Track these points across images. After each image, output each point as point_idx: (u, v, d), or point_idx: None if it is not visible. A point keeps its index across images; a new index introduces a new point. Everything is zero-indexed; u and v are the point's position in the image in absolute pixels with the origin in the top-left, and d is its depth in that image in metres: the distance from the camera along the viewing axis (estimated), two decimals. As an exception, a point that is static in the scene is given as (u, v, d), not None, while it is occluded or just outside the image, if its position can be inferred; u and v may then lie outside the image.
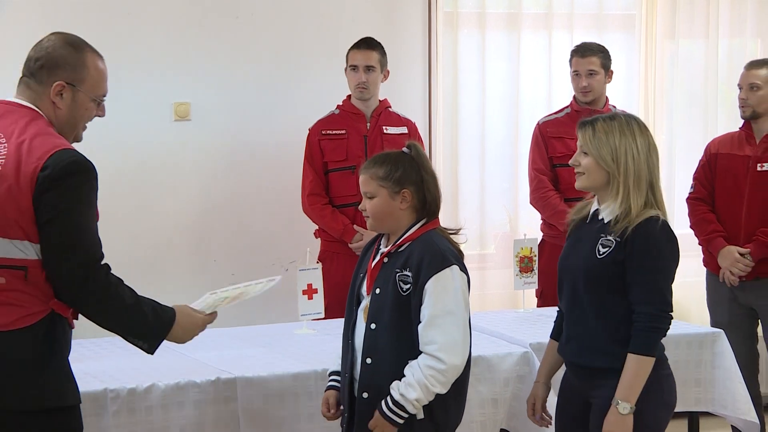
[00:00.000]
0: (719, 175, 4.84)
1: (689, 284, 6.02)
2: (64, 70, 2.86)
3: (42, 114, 2.86)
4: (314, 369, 3.54)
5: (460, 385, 3.18)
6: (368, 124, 5.03)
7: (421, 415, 3.10)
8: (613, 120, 3.15)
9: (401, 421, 3.05)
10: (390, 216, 3.17)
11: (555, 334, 3.39)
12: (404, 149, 3.22)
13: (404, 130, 5.06)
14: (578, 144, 3.20)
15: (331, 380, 3.28)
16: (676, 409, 4.13)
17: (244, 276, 5.54)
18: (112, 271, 2.82)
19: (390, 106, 5.12)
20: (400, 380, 3.06)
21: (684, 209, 6.15)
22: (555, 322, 3.41)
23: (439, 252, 3.12)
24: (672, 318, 3.12)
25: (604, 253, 3.11)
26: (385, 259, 3.18)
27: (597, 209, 3.21)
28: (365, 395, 3.12)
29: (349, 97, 5.09)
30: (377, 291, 3.15)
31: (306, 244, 4.54)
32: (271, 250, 5.39)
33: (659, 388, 3.12)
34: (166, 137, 5.28)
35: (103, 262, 2.80)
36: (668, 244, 3.12)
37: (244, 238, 5.40)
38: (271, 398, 3.47)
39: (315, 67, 5.45)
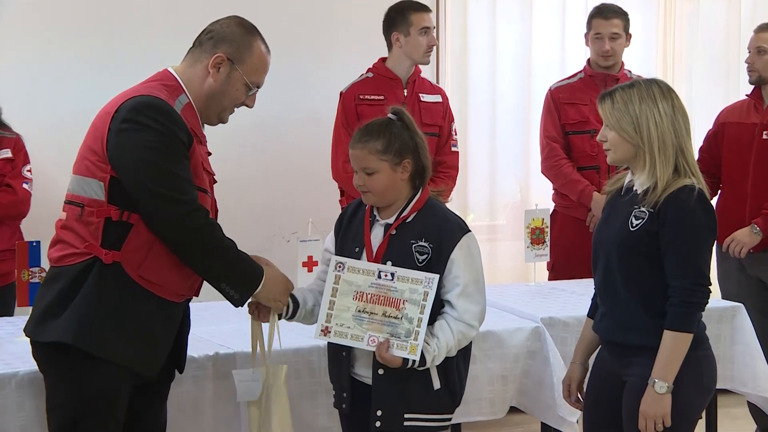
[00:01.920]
0: (726, 144, 4.83)
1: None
2: (230, 45, 3.04)
3: (177, 78, 3.01)
4: (317, 344, 3.54)
5: (469, 355, 3.27)
6: (405, 91, 5.01)
7: (437, 385, 3.16)
8: (632, 88, 3.12)
9: (407, 366, 3.10)
10: (393, 189, 3.19)
11: (592, 312, 3.37)
12: (390, 116, 3.22)
13: (438, 98, 5.05)
14: (603, 119, 3.18)
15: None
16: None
17: (244, 248, 5.59)
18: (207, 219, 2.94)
19: (421, 72, 5.09)
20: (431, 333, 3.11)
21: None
22: (592, 299, 3.39)
23: (453, 220, 3.21)
24: (710, 292, 3.06)
25: (637, 225, 3.08)
26: (393, 232, 3.19)
27: (631, 180, 3.19)
28: (381, 371, 3.15)
29: (382, 60, 5.04)
30: (389, 265, 3.17)
31: (308, 214, 4.54)
32: (273, 221, 5.40)
33: (697, 369, 3.09)
34: (162, 104, 5.27)
35: (195, 208, 2.90)
36: (704, 214, 3.06)
37: (245, 209, 5.41)
38: (271, 374, 3.48)
39: (322, 35, 5.41)
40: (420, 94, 5.00)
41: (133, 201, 2.89)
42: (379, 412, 3.14)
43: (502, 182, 5.83)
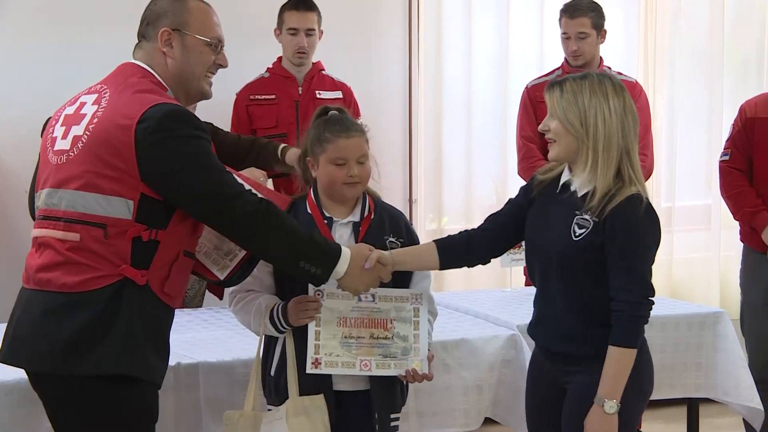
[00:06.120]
0: (758, 142, 4.70)
1: (694, 261, 6.08)
2: (167, 17, 2.99)
3: (153, 72, 2.97)
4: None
5: None
6: (300, 89, 5.05)
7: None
8: (584, 79, 3.11)
9: None
10: None
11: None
12: (334, 112, 3.32)
13: (339, 94, 5.09)
14: (548, 107, 3.18)
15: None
16: (675, 396, 4.22)
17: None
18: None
19: (323, 69, 5.15)
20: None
21: (687, 179, 6.21)
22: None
23: (403, 214, 3.46)
24: (653, 303, 3.08)
25: (580, 234, 3.07)
26: (366, 230, 3.29)
27: (569, 179, 3.18)
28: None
29: (279, 59, 5.11)
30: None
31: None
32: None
33: (637, 377, 3.09)
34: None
35: (242, 191, 2.90)
36: (651, 226, 3.08)
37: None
38: (236, 386, 3.49)
39: (264, 27, 5.38)
40: (317, 92, 5.05)
41: (161, 217, 2.85)
42: (376, 415, 3.25)
43: (477, 184, 5.85)
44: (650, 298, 3.07)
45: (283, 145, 4.57)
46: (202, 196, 2.86)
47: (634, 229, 3.04)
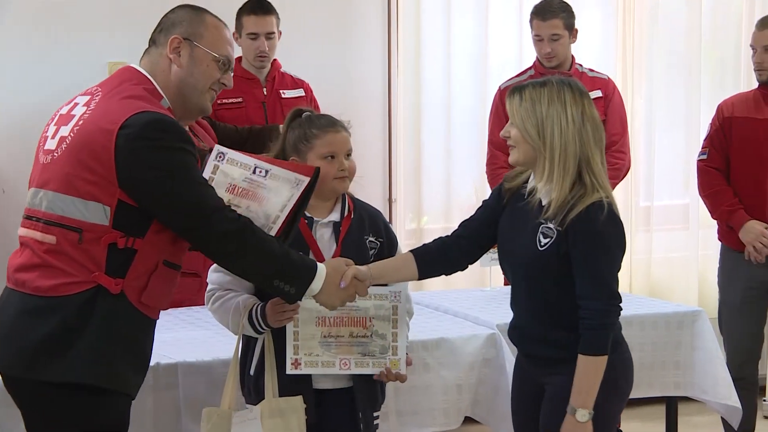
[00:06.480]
0: (736, 141, 4.73)
1: (673, 260, 6.10)
2: (181, 26, 2.97)
3: (151, 79, 2.93)
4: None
5: None
6: (264, 90, 5.06)
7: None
8: (543, 86, 3.09)
9: None
10: None
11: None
12: (308, 113, 3.34)
13: (301, 92, 5.12)
14: (508, 114, 3.16)
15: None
16: (654, 394, 4.24)
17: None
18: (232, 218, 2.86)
19: (281, 67, 5.15)
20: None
21: (665, 178, 6.24)
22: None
23: (382, 213, 3.46)
24: (621, 309, 3.10)
25: (545, 244, 3.08)
26: (347, 229, 3.29)
27: (533, 186, 3.16)
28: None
29: (239, 60, 5.07)
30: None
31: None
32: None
33: (611, 374, 3.09)
34: (99, 101, 5.25)
35: (221, 207, 2.86)
36: (614, 231, 3.07)
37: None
38: (215, 386, 3.47)
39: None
40: (281, 91, 5.07)
41: (139, 225, 2.80)
42: (360, 414, 3.26)
43: (457, 184, 5.87)
44: (617, 304, 3.08)
45: (280, 125, 4.61)
46: (180, 208, 2.82)
47: (596, 237, 3.04)
